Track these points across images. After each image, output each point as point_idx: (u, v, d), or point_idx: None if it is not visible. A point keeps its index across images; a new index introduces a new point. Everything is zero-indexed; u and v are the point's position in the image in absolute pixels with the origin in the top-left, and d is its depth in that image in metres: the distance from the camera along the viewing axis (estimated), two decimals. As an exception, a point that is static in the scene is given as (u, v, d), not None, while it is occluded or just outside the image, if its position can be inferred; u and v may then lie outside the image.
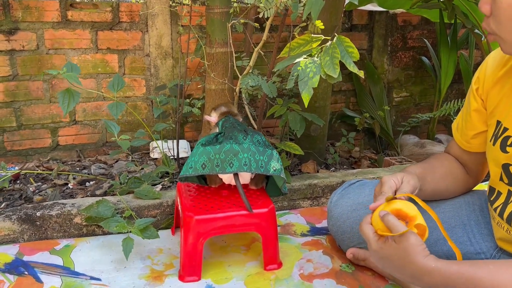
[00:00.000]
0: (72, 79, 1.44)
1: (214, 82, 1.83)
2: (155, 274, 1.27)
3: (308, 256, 1.38)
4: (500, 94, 1.01)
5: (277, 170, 1.26)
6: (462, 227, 1.16)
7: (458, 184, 1.17)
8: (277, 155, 1.29)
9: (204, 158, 1.23)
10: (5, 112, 2.04)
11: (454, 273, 0.83)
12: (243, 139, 1.26)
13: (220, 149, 1.22)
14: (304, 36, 1.41)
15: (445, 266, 0.84)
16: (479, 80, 1.07)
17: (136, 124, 2.23)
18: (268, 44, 2.28)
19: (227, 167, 1.21)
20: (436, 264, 0.84)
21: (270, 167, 1.24)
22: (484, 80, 1.05)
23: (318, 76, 1.24)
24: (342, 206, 1.32)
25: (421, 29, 2.72)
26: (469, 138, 1.12)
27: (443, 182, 1.15)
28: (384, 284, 1.24)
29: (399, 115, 2.80)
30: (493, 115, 1.04)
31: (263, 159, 1.24)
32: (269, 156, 1.26)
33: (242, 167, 1.21)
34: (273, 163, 1.26)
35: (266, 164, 1.24)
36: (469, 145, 1.13)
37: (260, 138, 1.31)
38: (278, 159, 1.28)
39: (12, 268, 1.27)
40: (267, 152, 1.26)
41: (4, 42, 1.97)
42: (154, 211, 1.53)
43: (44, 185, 1.82)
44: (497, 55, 1.05)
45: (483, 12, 0.87)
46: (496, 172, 1.03)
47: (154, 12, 2.11)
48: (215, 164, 1.22)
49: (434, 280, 0.84)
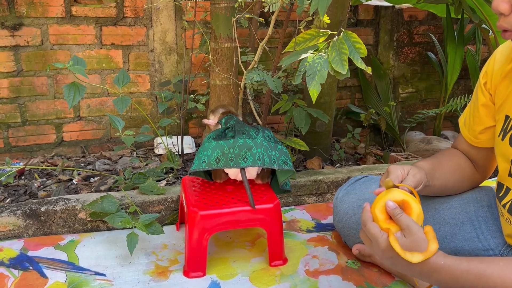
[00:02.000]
0: (79, 72, 1.44)
1: (218, 77, 1.82)
2: (160, 269, 1.27)
3: (314, 252, 1.37)
4: (509, 89, 1.00)
5: (288, 164, 1.27)
6: (470, 223, 1.15)
7: (466, 179, 1.16)
8: (286, 150, 1.30)
9: (218, 152, 1.22)
10: (9, 108, 2.04)
11: (463, 270, 0.82)
12: (255, 134, 1.26)
13: (234, 143, 1.22)
14: (310, 30, 1.39)
15: (454, 263, 0.83)
16: (487, 75, 1.06)
17: (140, 120, 2.23)
18: (273, 40, 2.26)
19: (241, 162, 1.21)
20: (445, 262, 0.83)
21: (282, 162, 1.26)
22: (492, 75, 1.04)
23: (326, 71, 1.23)
24: (348, 202, 1.31)
25: (427, 25, 2.70)
26: (476, 134, 1.10)
27: (451, 178, 1.14)
28: (390, 280, 1.23)
29: (405, 111, 2.78)
30: (502, 109, 1.02)
31: (275, 154, 1.25)
32: (280, 152, 1.27)
33: (256, 162, 1.21)
34: (284, 158, 1.27)
35: (278, 159, 1.25)
36: (477, 141, 1.11)
37: (270, 134, 1.32)
38: (287, 154, 1.29)
39: (17, 263, 1.27)
40: (278, 148, 1.27)
41: (9, 37, 1.96)
42: (158, 207, 1.52)
43: (48, 180, 1.82)
44: (506, 49, 1.03)
45: (501, 11, 0.83)
46: (505, 168, 1.01)
47: (159, 7, 2.10)
48: (229, 158, 1.21)
49: (443, 277, 0.83)
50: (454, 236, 1.15)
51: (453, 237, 1.15)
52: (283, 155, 1.27)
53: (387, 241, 0.86)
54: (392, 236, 0.85)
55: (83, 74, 1.45)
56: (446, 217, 1.17)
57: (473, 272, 0.81)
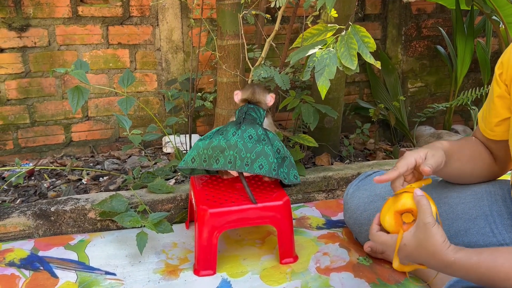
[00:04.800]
0: (80, 77, 1.43)
1: (226, 75, 1.81)
2: (170, 268, 1.26)
3: (325, 249, 1.36)
4: None
5: (264, 168, 1.20)
6: (484, 217, 1.13)
7: (485, 169, 1.14)
8: (270, 151, 1.22)
9: (194, 152, 1.26)
10: (18, 109, 2.05)
11: (474, 263, 0.83)
12: (232, 135, 1.24)
13: (209, 144, 1.24)
14: (317, 26, 1.38)
15: (465, 257, 0.84)
16: (503, 65, 1.04)
17: (148, 119, 2.23)
18: (279, 36, 2.24)
19: (214, 163, 1.23)
20: (455, 258, 0.84)
21: (256, 165, 1.20)
22: (508, 66, 1.02)
23: (335, 67, 1.21)
24: (359, 198, 1.29)
25: (436, 18, 2.66)
26: (493, 126, 1.08)
27: (469, 163, 1.11)
28: (403, 277, 1.21)
29: (414, 106, 2.74)
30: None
31: (250, 156, 1.20)
32: (258, 153, 1.21)
33: (227, 165, 1.21)
34: (261, 161, 1.20)
35: (253, 161, 1.20)
36: (494, 133, 1.09)
37: (255, 132, 1.25)
38: (270, 156, 1.21)
39: (28, 263, 1.28)
40: (257, 149, 1.21)
41: (16, 39, 1.97)
42: (168, 205, 1.52)
43: (58, 181, 1.83)
44: None
45: None
46: None
47: (165, 4, 2.09)
48: (203, 159, 1.24)
49: (455, 271, 0.85)
50: (468, 231, 1.13)
51: (467, 232, 1.13)
52: (261, 157, 1.20)
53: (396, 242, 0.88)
54: (399, 236, 0.88)
55: (85, 79, 1.43)
56: (459, 212, 1.15)
57: (484, 264, 0.82)
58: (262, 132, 1.27)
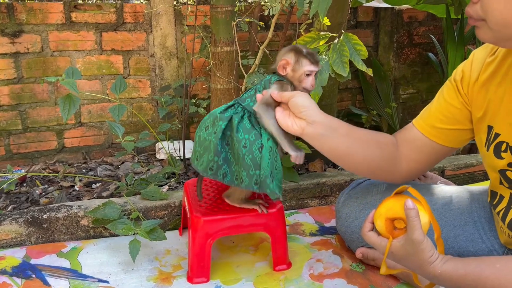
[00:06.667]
0: (70, 87, 1.42)
1: (219, 81, 1.82)
2: (163, 275, 1.26)
3: (318, 256, 1.37)
4: (486, 99, 1.00)
5: (227, 177, 1.12)
6: (473, 224, 1.14)
7: (382, 162, 1.10)
8: (250, 162, 1.09)
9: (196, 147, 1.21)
10: (10, 115, 2.03)
11: (461, 275, 0.84)
12: (214, 134, 1.15)
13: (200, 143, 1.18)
14: (310, 33, 1.39)
15: (451, 269, 0.85)
16: (464, 73, 1.05)
17: (141, 125, 2.22)
18: (273, 43, 2.26)
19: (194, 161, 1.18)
20: (442, 270, 0.85)
21: (220, 174, 1.12)
22: (470, 75, 1.03)
23: (327, 74, 1.23)
24: (350, 206, 1.30)
25: (427, 25, 2.70)
26: (437, 124, 1.09)
27: (362, 147, 1.08)
28: (395, 283, 1.22)
29: (406, 112, 2.77)
30: (483, 120, 1.01)
31: (219, 161, 1.12)
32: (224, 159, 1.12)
33: (207, 171, 1.12)
34: (225, 169, 1.13)
35: None
36: (435, 133, 1.09)
37: None
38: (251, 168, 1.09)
39: (20, 271, 1.27)
40: (221, 155, 1.12)
41: (9, 45, 1.96)
42: (161, 212, 1.52)
43: (50, 187, 1.82)
44: (481, 56, 1.02)
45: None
46: (495, 177, 1.02)
47: (159, 11, 2.10)
48: (195, 157, 1.19)
49: (443, 281, 0.87)
50: (457, 238, 1.15)
51: (456, 239, 1.15)
52: (225, 166, 1.12)
53: (385, 248, 0.90)
54: (389, 244, 0.89)
55: (75, 89, 1.42)
56: (448, 218, 1.17)
57: (470, 276, 0.83)
58: (245, 136, 1.10)
